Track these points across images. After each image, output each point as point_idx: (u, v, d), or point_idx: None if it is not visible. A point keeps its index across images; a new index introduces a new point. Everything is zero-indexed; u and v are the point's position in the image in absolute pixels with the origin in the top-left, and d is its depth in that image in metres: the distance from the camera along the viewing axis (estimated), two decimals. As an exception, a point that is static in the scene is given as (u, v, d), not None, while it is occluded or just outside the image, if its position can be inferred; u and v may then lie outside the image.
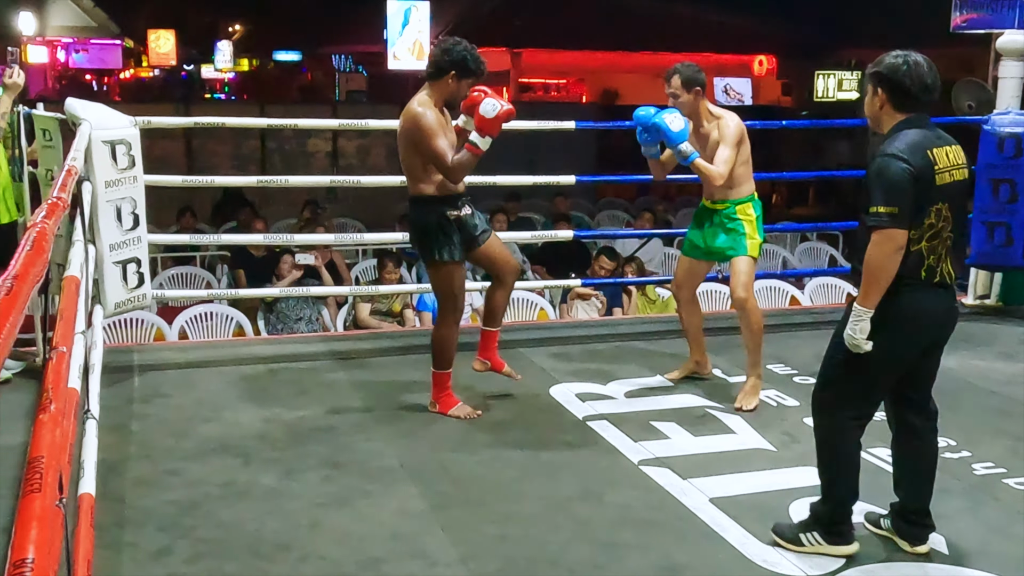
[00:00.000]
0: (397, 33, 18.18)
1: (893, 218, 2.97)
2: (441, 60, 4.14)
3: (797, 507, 3.56)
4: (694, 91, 4.56)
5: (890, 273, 3.01)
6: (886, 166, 2.99)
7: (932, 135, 3.08)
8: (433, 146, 4.07)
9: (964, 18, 6.38)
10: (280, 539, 3.32)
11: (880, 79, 3.12)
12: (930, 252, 3.05)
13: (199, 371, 5.07)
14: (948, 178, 3.04)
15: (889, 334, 3.06)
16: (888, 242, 2.99)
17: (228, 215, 10.84)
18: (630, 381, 4.94)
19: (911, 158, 2.98)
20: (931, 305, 3.10)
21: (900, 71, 3.07)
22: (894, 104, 3.10)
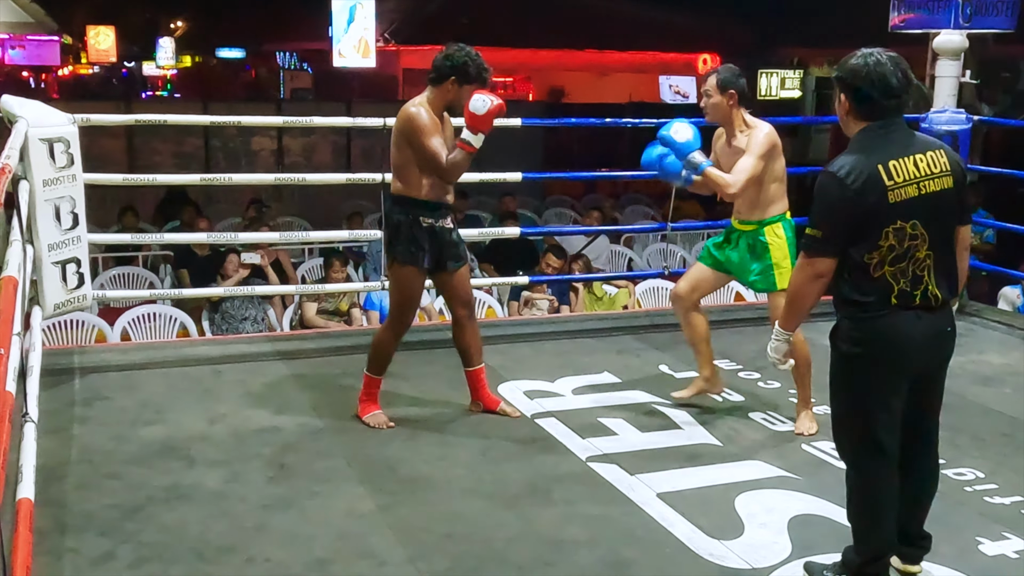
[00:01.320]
0: (342, 31, 18.05)
1: (816, 242, 2.80)
2: (442, 65, 4.07)
3: (742, 501, 3.60)
4: (728, 94, 4.20)
5: (808, 299, 2.88)
6: (822, 185, 2.79)
7: (894, 146, 2.78)
8: (426, 144, 4.00)
9: (902, 18, 6.50)
10: (225, 542, 3.28)
11: (841, 83, 2.86)
12: (899, 276, 2.79)
13: (142, 373, 4.99)
14: (912, 192, 2.74)
15: (867, 365, 2.86)
16: (808, 267, 2.83)
17: (171, 214, 10.67)
18: (578, 378, 4.95)
19: (850, 177, 2.73)
20: (910, 329, 2.82)
21: (860, 74, 2.80)
22: (857, 111, 2.84)
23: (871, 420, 2.91)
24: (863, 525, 2.99)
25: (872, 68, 2.79)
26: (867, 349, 2.84)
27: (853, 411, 2.94)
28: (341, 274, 7.08)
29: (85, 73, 34.87)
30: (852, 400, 2.93)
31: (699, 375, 4.58)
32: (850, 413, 2.96)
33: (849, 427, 2.99)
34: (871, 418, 2.91)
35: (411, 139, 4.04)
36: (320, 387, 4.81)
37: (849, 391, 2.94)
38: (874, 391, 2.89)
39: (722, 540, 3.33)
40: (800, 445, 4.16)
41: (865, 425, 2.92)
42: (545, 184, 14.29)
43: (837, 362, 2.94)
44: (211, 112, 12.40)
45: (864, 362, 2.86)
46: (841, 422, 3.02)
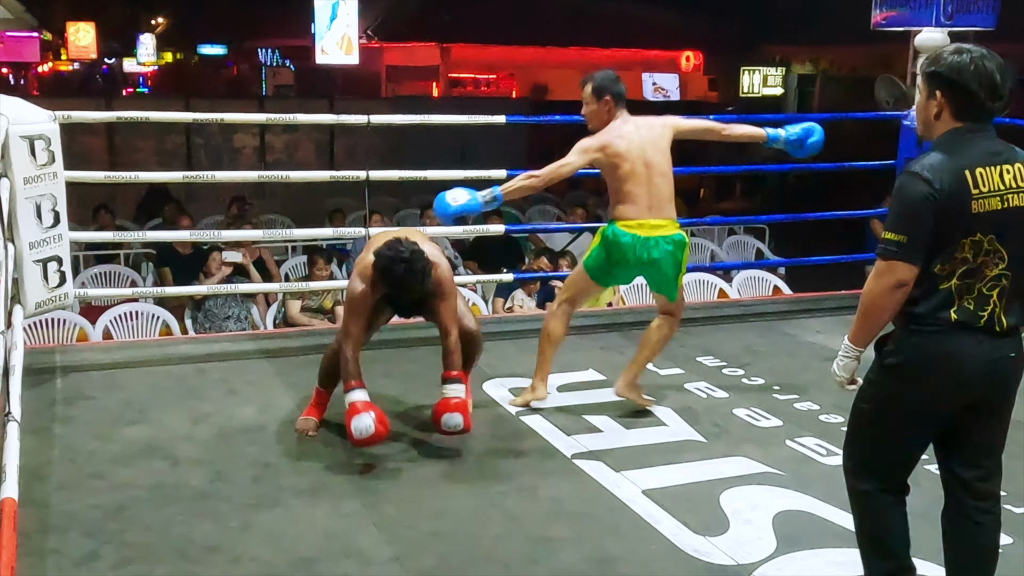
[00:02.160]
0: (325, 27, 17.98)
1: (900, 248, 2.54)
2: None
3: (727, 497, 3.61)
4: (604, 100, 4.31)
5: (885, 311, 2.61)
6: (903, 187, 2.56)
7: (980, 151, 2.57)
8: None
9: (884, 15, 6.53)
10: (210, 541, 3.26)
11: (939, 81, 2.60)
12: (963, 292, 2.57)
13: (124, 372, 4.96)
14: (996, 204, 2.54)
15: (908, 383, 2.64)
16: (888, 274, 2.56)
17: (153, 212, 10.62)
18: (562, 375, 4.95)
19: (936, 179, 2.50)
20: (965, 351, 2.58)
21: (966, 72, 2.56)
22: (955, 111, 2.59)
23: (891, 447, 2.71)
24: (863, 552, 2.86)
25: (979, 64, 2.56)
26: (913, 364, 2.62)
27: (873, 432, 2.73)
28: (325, 272, 7.05)
29: (65, 70, 34.66)
30: (876, 414, 2.71)
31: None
32: (868, 434, 2.74)
33: (862, 447, 2.77)
34: (892, 445, 2.71)
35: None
36: (304, 385, 4.78)
37: (877, 403, 2.71)
38: (909, 412, 2.67)
39: (707, 536, 3.34)
40: (784, 441, 4.18)
41: (883, 452, 2.72)
42: (528, 181, 14.27)
43: (876, 373, 2.71)
44: (192, 109, 12.33)
45: (905, 378, 2.64)
46: (855, 441, 2.80)
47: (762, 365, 5.20)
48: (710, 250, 9.98)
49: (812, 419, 4.44)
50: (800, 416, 4.47)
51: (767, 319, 6.18)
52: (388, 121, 6.09)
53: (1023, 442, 4.18)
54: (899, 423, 2.68)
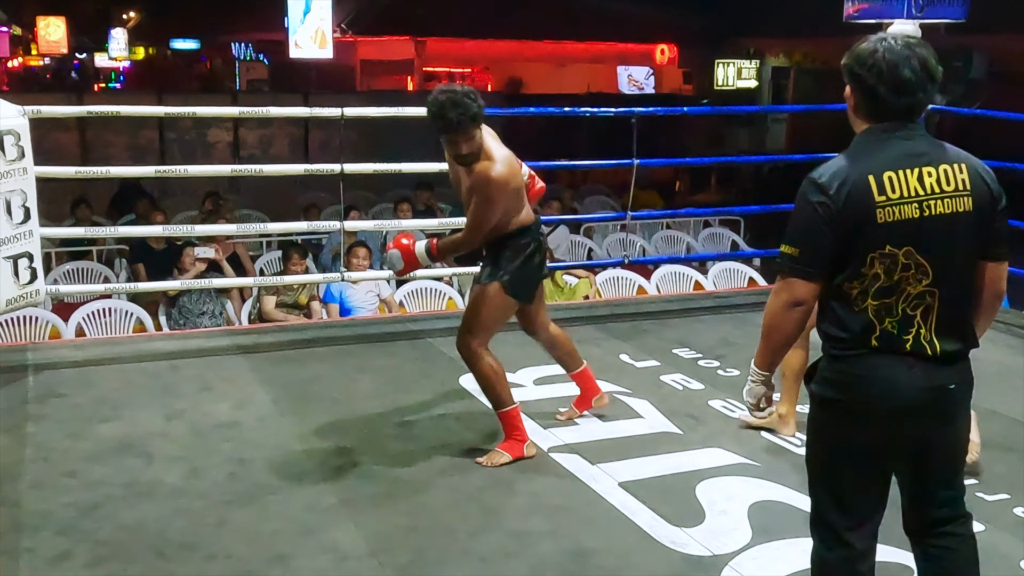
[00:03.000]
0: (299, 21, 17.87)
1: (793, 262, 2.30)
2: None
3: (703, 488, 3.63)
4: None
5: (783, 331, 2.37)
6: (798, 195, 2.31)
7: (894, 153, 2.27)
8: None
9: (856, 8, 6.56)
10: (185, 539, 3.24)
11: (847, 72, 2.35)
12: (884, 313, 2.27)
13: (97, 369, 4.92)
14: (911, 212, 2.23)
15: (837, 415, 2.36)
16: (783, 291, 2.33)
17: (126, 208, 10.52)
18: (539, 369, 4.96)
19: (831, 185, 2.24)
20: (892, 378, 2.28)
21: (866, 62, 2.28)
22: (864, 108, 2.33)
23: (832, 490, 2.41)
24: None
25: (881, 56, 2.26)
26: (840, 395, 2.33)
27: (817, 470, 2.46)
28: (300, 267, 7.02)
29: (35, 65, 34.28)
30: (817, 456, 2.45)
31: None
32: (813, 472, 2.47)
33: (813, 494, 2.49)
34: (834, 487, 2.41)
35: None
36: (280, 381, 4.77)
37: (814, 440, 2.45)
38: (842, 448, 2.37)
39: (683, 528, 3.35)
40: (759, 432, 4.19)
41: (828, 498, 2.42)
42: (504, 175, 14.26)
43: (811, 408, 2.47)
44: (165, 104, 12.25)
45: (835, 411, 2.36)
46: (810, 484, 2.52)
47: (738, 356, 5.22)
48: (686, 242, 10.01)
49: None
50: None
51: (742, 310, 6.20)
52: (362, 114, 6.06)
53: (996, 431, 4.23)
54: (836, 461, 2.39)
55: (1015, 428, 4.30)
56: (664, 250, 9.78)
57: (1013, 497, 3.62)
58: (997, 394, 4.67)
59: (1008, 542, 3.31)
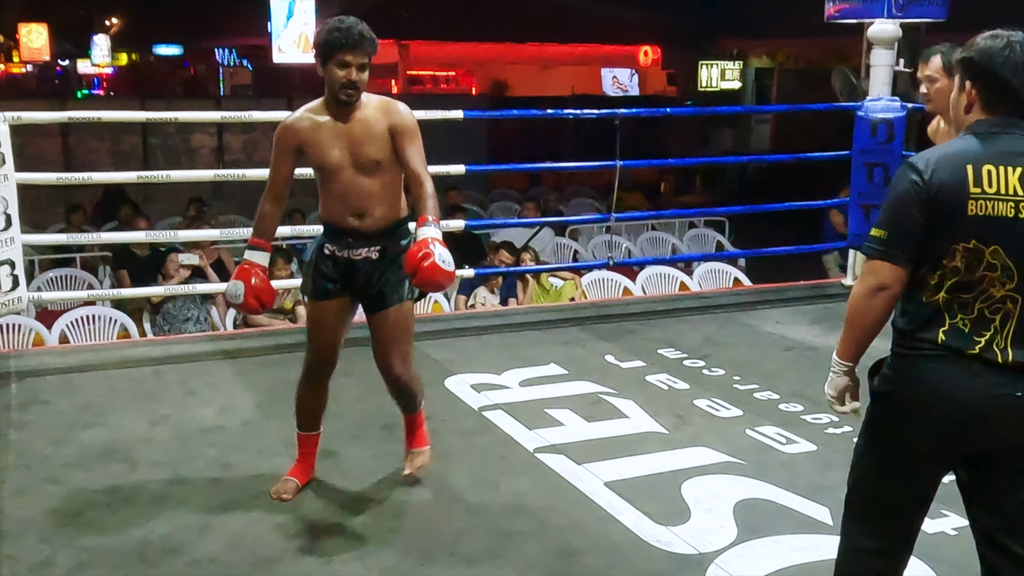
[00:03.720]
0: (282, 25, 17.84)
1: (881, 245, 2.21)
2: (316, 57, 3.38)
3: (689, 487, 3.63)
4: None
5: (867, 318, 2.26)
6: (896, 176, 2.25)
7: (999, 148, 2.18)
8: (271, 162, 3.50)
9: (837, 8, 6.59)
10: (168, 544, 3.23)
11: (968, 68, 2.26)
12: (956, 308, 2.18)
13: (81, 376, 4.90)
14: (1005, 210, 2.14)
15: (889, 415, 2.28)
16: (869, 275, 2.23)
17: (109, 214, 10.48)
18: (524, 370, 4.96)
19: (927, 169, 2.17)
20: (953, 383, 2.17)
21: (998, 57, 2.20)
22: (985, 102, 2.23)
23: (869, 497, 2.34)
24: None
25: (1015, 50, 2.20)
26: (895, 390, 2.26)
27: (859, 463, 2.38)
28: (284, 271, 7.00)
29: (18, 72, 34.11)
30: (863, 449, 2.37)
31: None
32: (856, 466, 2.39)
33: (849, 493, 2.41)
34: (871, 495, 2.33)
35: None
36: (264, 386, 4.76)
37: (864, 437, 2.36)
38: (887, 451, 2.29)
39: (669, 526, 3.35)
40: (744, 430, 4.20)
41: (863, 504, 2.35)
42: (489, 178, 14.29)
43: (870, 401, 2.37)
44: (148, 109, 12.17)
45: (887, 408, 2.28)
46: (849, 477, 2.43)
47: (723, 356, 5.23)
48: (671, 243, 10.04)
49: (772, 408, 4.47)
50: (760, 405, 4.50)
51: (727, 310, 6.22)
52: (345, 118, 6.05)
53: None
54: (882, 462, 2.32)
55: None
56: (649, 251, 9.80)
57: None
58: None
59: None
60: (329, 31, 3.31)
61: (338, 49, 3.28)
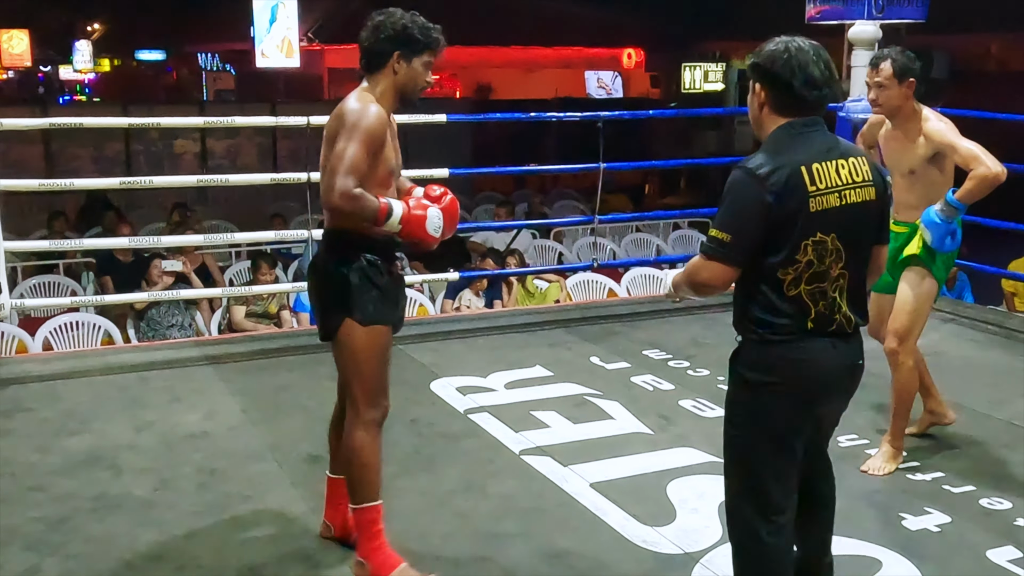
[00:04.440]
0: (264, 30, 17.84)
1: (723, 247, 2.38)
2: (375, 43, 3.01)
3: (674, 487, 3.65)
4: (907, 83, 3.75)
5: (699, 297, 2.64)
6: (733, 183, 2.40)
7: (817, 147, 2.42)
8: (347, 150, 2.82)
9: (818, 9, 6.64)
10: (155, 551, 3.22)
11: (757, 72, 2.49)
12: (817, 297, 2.41)
13: (65, 383, 4.88)
14: (834, 201, 2.38)
15: (773, 398, 2.45)
16: (704, 271, 2.44)
17: (93, 221, 10.44)
18: (510, 373, 4.97)
19: (770, 177, 2.34)
20: (825, 360, 2.45)
21: (779, 60, 2.42)
22: (774, 104, 2.45)
23: (773, 468, 2.49)
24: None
25: (793, 55, 2.41)
26: (776, 378, 2.44)
27: (754, 453, 2.50)
28: (269, 276, 6.99)
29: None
30: (755, 439, 2.49)
31: (924, 410, 4.14)
32: (749, 456, 2.51)
33: (738, 476, 2.55)
34: (773, 466, 2.49)
35: (338, 133, 2.89)
36: (250, 390, 4.75)
37: (752, 426, 2.49)
38: (779, 430, 2.47)
39: (655, 527, 3.37)
40: (729, 430, 4.22)
41: (763, 475, 2.49)
42: (474, 181, 14.30)
43: (738, 392, 2.54)
44: (131, 115, 12.15)
45: (772, 394, 2.45)
46: (732, 468, 2.58)
47: (707, 356, 5.25)
48: (655, 244, 10.06)
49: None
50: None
51: (712, 311, 6.23)
52: (328, 122, 6.05)
53: (962, 424, 4.29)
54: (776, 442, 2.48)
55: (980, 421, 4.36)
56: (634, 253, 9.82)
57: (978, 489, 3.66)
58: (962, 387, 4.73)
59: (974, 532, 3.35)
60: (423, 29, 3.02)
61: (431, 49, 3.03)
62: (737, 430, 2.54)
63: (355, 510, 3.03)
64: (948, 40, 14.12)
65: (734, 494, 2.58)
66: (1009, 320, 6.19)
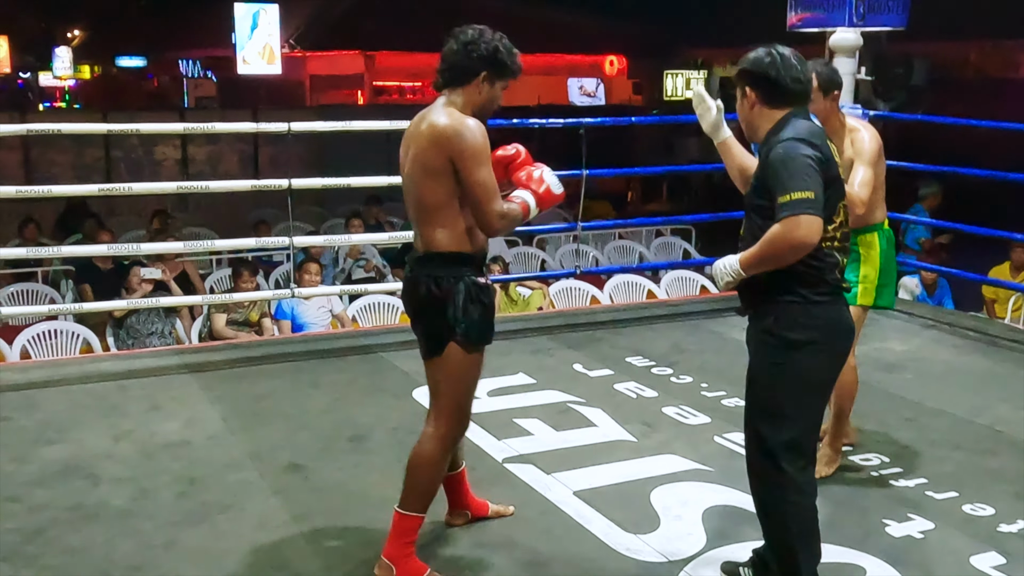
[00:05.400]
0: (246, 37, 17.79)
1: (809, 204, 2.60)
2: (466, 57, 3.09)
3: (658, 494, 3.63)
4: (832, 96, 3.84)
5: (784, 262, 2.65)
6: (789, 152, 2.65)
7: (815, 127, 2.79)
8: (482, 178, 2.90)
9: (799, 17, 6.66)
10: (133, 561, 3.18)
11: (746, 76, 2.81)
12: (841, 255, 2.77)
13: (42, 391, 4.82)
14: (837, 171, 2.77)
15: (822, 353, 2.73)
16: (801, 228, 2.59)
17: (72, 228, 10.36)
18: (493, 380, 4.93)
19: (815, 143, 2.68)
20: (848, 317, 2.82)
21: (764, 63, 2.77)
22: (766, 100, 2.78)
23: (815, 414, 2.79)
24: (799, 549, 2.76)
25: (776, 57, 2.77)
26: (821, 336, 2.71)
27: (799, 408, 2.74)
28: (250, 284, 6.94)
29: (-22, 85, 33.69)
30: (800, 395, 2.74)
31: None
32: (795, 411, 2.73)
33: (790, 427, 2.73)
34: (813, 419, 2.78)
35: (460, 164, 2.90)
36: (230, 399, 4.71)
37: (797, 385, 2.73)
38: (824, 385, 2.80)
39: (638, 534, 3.35)
40: (712, 437, 4.21)
41: (809, 424, 2.77)
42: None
43: (777, 354, 2.73)
44: (111, 122, 12.05)
45: (817, 351, 2.72)
46: (779, 419, 2.74)
47: (690, 363, 5.25)
48: (638, 252, 10.07)
49: (739, 415, 4.39)
50: (728, 412, 4.51)
51: (695, 318, 6.25)
52: (309, 128, 6.04)
53: (944, 430, 4.30)
54: (813, 397, 2.78)
55: (961, 426, 4.36)
56: (616, 260, 9.82)
57: (961, 495, 3.66)
58: (944, 393, 4.75)
59: (956, 539, 3.35)
60: (510, 54, 3.14)
61: (512, 75, 3.16)
62: (778, 390, 2.74)
63: (401, 514, 3.05)
64: (928, 47, 14.21)
65: (773, 455, 2.74)
66: (990, 326, 6.22)
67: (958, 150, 7.52)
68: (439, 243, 2.98)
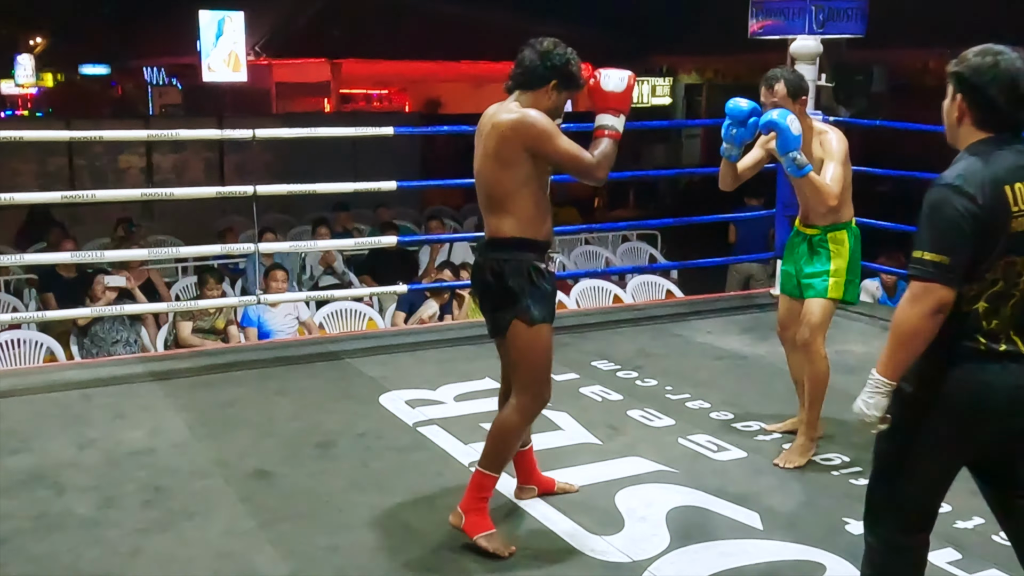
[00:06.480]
0: (211, 44, 17.69)
1: (941, 270, 2.27)
2: (539, 65, 3.30)
3: (623, 496, 3.67)
4: (800, 101, 3.99)
5: (921, 339, 2.33)
6: (937, 201, 2.29)
7: (1012, 164, 2.32)
8: (564, 147, 3.22)
9: (760, 25, 6.74)
10: (98, 569, 3.17)
11: (960, 82, 2.37)
12: (990, 315, 2.35)
13: (4, 401, 4.78)
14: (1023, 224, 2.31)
15: (935, 412, 2.40)
16: (927, 297, 2.29)
17: (35, 237, 10.26)
18: (460, 385, 4.97)
19: (977, 193, 2.26)
20: (992, 380, 2.35)
21: (986, 75, 2.32)
22: (976, 118, 2.36)
23: (920, 484, 2.47)
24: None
25: (1002, 69, 2.31)
26: (936, 393, 2.39)
27: (903, 469, 2.46)
28: (216, 291, 6.92)
29: (-62, 93, 33.24)
30: (902, 455, 2.46)
31: (799, 414, 4.19)
32: (900, 471, 2.48)
33: (889, 486, 2.52)
34: (922, 482, 2.47)
35: (538, 147, 3.20)
36: (196, 406, 4.70)
37: (903, 443, 2.45)
38: (941, 449, 2.43)
39: (603, 536, 3.39)
40: (676, 439, 4.26)
41: (915, 488, 2.47)
42: (424, 195, 14.29)
43: (896, 408, 2.44)
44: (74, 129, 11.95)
45: (929, 410, 2.41)
46: (880, 481, 2.55)
47: (655, 367, 5.30)
48: (604, 257, 10.13)
49: (703, 417, 4.54)
50: (692, 414, 4.57)
51: (660, 322, 6.30)
52: (273, 135, 6.02)
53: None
54: (940, 466, 2.46)
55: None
56: (583, 265, 9.87)
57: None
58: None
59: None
60: (578, 68, 3.36)
61: (578, 87, 3.37)
62: (893, 447, 2.50)
63: (479, 471, 3.31)
64: (887, 54, 14.42)
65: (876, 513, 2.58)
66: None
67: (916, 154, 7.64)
68: (505, 230, 3.27)
